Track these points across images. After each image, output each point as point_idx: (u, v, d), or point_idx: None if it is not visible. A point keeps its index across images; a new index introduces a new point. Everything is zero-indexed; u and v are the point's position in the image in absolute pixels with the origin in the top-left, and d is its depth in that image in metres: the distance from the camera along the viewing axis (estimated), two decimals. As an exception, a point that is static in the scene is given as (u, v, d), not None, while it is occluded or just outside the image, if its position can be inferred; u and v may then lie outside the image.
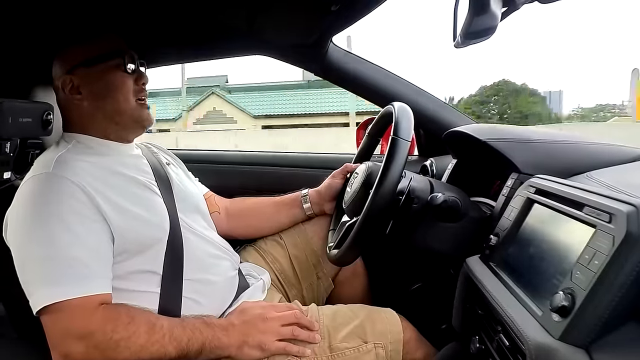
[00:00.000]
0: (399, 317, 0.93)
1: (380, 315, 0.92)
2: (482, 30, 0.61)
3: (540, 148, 0.90)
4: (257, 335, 0.82)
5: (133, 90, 0.91)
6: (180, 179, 1.04)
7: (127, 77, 0.90)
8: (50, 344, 0.73)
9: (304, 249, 1.14)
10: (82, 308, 0.72)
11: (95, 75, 0.88)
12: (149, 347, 0.74)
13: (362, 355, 0.87)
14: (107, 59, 0.89)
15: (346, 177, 1.14)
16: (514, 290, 0.64)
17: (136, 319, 0.75)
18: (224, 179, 1.54)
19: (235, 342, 0.80)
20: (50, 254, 0.73)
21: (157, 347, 0.74)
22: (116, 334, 0.72)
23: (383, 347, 0.87)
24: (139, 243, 0.82)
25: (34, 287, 0.73)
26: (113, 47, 0.91)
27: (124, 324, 0.74)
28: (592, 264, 0.50)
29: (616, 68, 74.56)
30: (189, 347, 0.77)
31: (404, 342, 0.89)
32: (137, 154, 0.98)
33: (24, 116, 0.89)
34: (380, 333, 0.89)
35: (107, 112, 0.90)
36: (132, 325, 0.74)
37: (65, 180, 0.78)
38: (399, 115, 0.88)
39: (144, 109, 0.94)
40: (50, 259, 0.73)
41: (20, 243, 0.76)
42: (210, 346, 0.78)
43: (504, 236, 0.74)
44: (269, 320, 0.84)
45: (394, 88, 1.35)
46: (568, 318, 0.50)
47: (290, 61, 1.37)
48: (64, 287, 0.72)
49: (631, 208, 0.49)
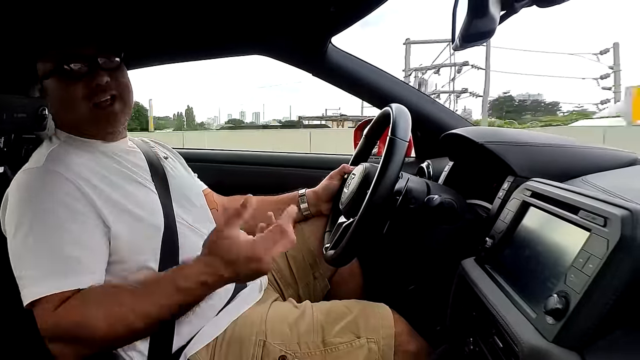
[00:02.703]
0: (391, 312, 0.93)
1: (374, 310, 0.93)
2: (481, 33, 0.61)
3: (537, 151, 0.90)
4: (247, 262, 0.71)
5: (85, 94, 0.86)
6: (178, 173, 1.03)
7: (71, 83, 0.85)
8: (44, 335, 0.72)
9: (301, 249, 1.14)
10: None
11: (49, 83, 0.88)
12: (115, 326, 0.70)
13: (355, 350, 0.87)
14: (49, 64, 0.86)
15: (343, 178, 1.15)
16: (509, 292, 0.64)
17: (90, 301, 0.72)
18: (222, 178, 1.54)
19: (231, 278, 0.73)
20: (43, 248, 0.73)
21: (125, 323, 0.70)
22: (72, 322, 0.70)
23: (375, 342, 0.87)
24: (133, 239, 0.81)
25: (24, 282, 0.73)
26: (57, 50, 0.86)
27: (78, 310, 0.71)
28: (587, 268, 0.51)
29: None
30: (161, 314, 0.72)
31: (396, 336, 0.89)
32: (132, 148, 0.97)
33: (19, 112, 0.89)
34: (373, 328, 0.89)
35: (67, 120, 0.90)
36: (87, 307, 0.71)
37: (58, 175, 0.78)
38: (396, 116, 0.88)
39: (101, 112, 0.87)
40: (42, 253, 0.73)
41: (13, 237, 0.76)
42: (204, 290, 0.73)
43: (499, 239, 0.74)
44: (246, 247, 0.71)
45: (392, 90, 1.36)
46: (562, 321, 0.50)
47: (289, 62, 1.37)
48: (55, 281, 0.72)
49: (626, 212, 0.50)
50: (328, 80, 1.40)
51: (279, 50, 1.35)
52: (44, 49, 0.87)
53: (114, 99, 0.89)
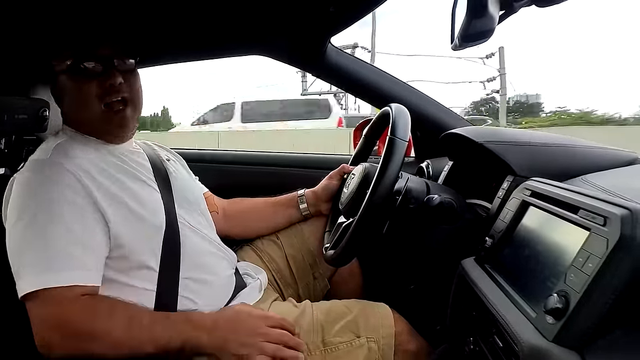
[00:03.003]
0: (391, 311, 0.93)
1: (374, 309, 0.93)
2: (480, 32, 0.61)
3: (536, 151, 0.90)
4: (238, 346, 0.78)
5: (98, 94, 0.86)
6: (180, 175, 1.04)
7: (86, 81, 0.85)
8: (33, 331, 0.72)
9: (301, 249, 1.14)
10: (64, 298, 0.72)
11: (63, 80, 0.88)
12: (126, 343, 0.73)
13: (355, 349, 0.87)
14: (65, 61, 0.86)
15: (343, 178, 1.15)
16: (508, 292, 0.64)
17: (116, 313, 0.75)
18: (222, 179, 1.54)
19: (216, 346, 0.78)
20: (40, 242, 0.73)
21: (135, 343, 0.73)
22: (91, 328, 0.72)
23: (375, 341, 0.87)
24: (134, 237, 0.81)
25: (20, 274, 0.73)
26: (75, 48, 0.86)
27: (101, 318, 0.73)
28: (586, 267, 0.51)
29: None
30: (168, 345, 0.75)
31: (396, 335, 0.89)
32: (136, 149, 0.98)
33: (19, 113, 0.89)
34: (373, 327, 0.89)
35: (74, 119, 0.90)
36: (109, 319, 0.73)
37: (62, 168, 0.78)
38: (396, 116, 0.88)
39: (112, 115, 0.88)
40: (38, 247, 0.73)
41: (13, 228, 0.76)
42: (191, 345, 0.77)
43: (499, 238, 0.74)
44: (256, 334, 0.80)
45: (391, 90, 1.35)
46: (562, 320, 0.50)
47: (288, 62, 1.37)
48: (47, 275, 0.72)
49: (625, 212, 0.50)
50: (327, 80, 1.41)
51: (279, 51, 1.35)
52: (61, 48, 0.87)
53: (125, 104, 0.89)
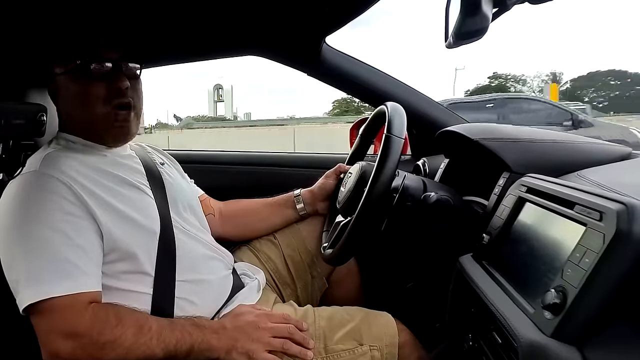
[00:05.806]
0: (394, 321, 0.93)
1: (377, 318, 0.93)
2: (474, 31, 0.61)
3: (532, 147, 0.90)
4: (247, 342, 0.80)
5: (104, 96, 0.85)
6: (175, 179, 1.03)
7: (93, 82, 0.85)
8: (40, 342, 0.72)
9: (298, 249, 1.14)
10: (71, 307, 0.72)
11: (65, 81, 0.87)
12: (136, 349, 0.73)
13: (357, 357, 0.87)
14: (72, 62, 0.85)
15: (339, 177, 1.15)
16: (506, 288, 0.64)
17: (124, 321, 0.75)
18: (219, 180, 1.54)
19: (224, 346, 0.79)
20: (37, 253, 0.73)
21: (144, 349, 0.74)
22: (103, 336, 0.72)
23: (378, 350, 0.87)
24: (129, 243, 0.81)
25: (20, 286, 0.72)
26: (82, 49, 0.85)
27: (111, 326, 0.73)
28: (583, 262, 0.51)
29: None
30: (177, 349, 0.76)
31: (400, 346, 0.89)
32: (130, 154, 0.97)
33: (16, 118, 0.88)
34: (375, 336, 0.89)
35: (77, 120, 0.89)
36: (120, 327, 0.73)
37: (52, 179, 0.77)
38: (392, 114, 0.88)
39: (115, 118, 0.87)
40: (36, 258, 0.72)
41: (6, 242, 0.75)
42: (199, 348, 0.78)
43: (496, 235, 0.74)
44: (261, 329, 0.82)
45: (387, 88, 1.36)
46: (560, 315, 0.51)
47: (284, 62, 1.37)
48: (50, 285, 0.71)
49: (621, 206, 0.50)
50: (323, 80, 1.40)
51: (274, 51, 1.34)
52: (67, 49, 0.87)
53: (130, 108, 0.88)
